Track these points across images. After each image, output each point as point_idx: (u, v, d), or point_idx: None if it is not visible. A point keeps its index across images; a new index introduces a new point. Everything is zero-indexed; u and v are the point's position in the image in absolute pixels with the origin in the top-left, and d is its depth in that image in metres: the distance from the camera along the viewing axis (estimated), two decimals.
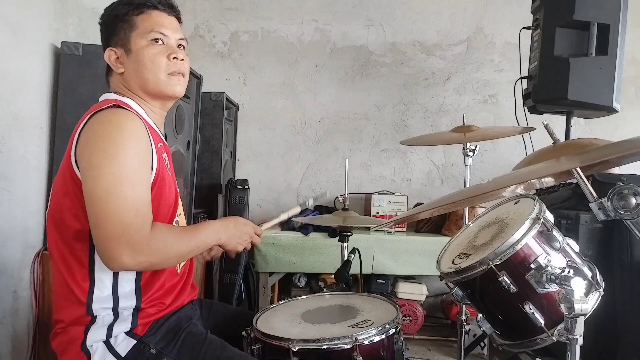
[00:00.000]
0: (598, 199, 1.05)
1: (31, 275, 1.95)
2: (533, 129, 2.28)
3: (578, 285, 1.00)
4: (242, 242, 1.35)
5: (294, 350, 1.21)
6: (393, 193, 3.34)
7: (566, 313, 1.00)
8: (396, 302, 1.48)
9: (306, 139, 3.64)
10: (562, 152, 1.83)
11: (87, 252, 1.18)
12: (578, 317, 1.00)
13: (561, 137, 2.32)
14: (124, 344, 1.19)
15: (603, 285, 1.15)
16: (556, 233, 1.17)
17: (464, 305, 2.21)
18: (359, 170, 3.63)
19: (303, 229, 3.01)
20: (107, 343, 1.19)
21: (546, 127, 2.10)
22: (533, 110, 2.67)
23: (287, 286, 3.31)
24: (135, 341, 1.20)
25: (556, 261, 1.12)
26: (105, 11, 1.32)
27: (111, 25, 1.29)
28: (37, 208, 2.03)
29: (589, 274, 1.12)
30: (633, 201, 1.01)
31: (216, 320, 1.47)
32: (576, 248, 1.21)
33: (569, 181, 1.85)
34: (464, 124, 2.21)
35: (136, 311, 1.22)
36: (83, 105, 1.45)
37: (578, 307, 0.98)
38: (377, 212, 3.22)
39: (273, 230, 1.59)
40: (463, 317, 2.22)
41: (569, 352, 1.02)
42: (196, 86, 2.46)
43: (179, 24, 1.35)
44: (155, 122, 1.32)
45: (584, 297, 1.00)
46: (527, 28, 2.70)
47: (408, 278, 3.22)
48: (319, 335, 1.27)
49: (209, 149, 2.95)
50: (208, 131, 2.93)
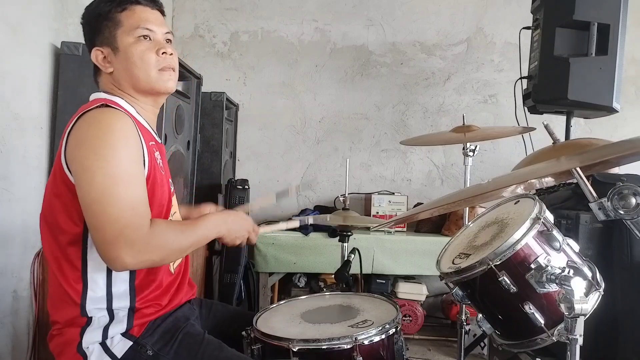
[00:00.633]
0: (598, 199, 1.05)
1: (31, 275, 1.93)
2: (533, 129, 2.28)
3: (578, 285, 1.00)
4: (240, 237, 1.34)
5: (294, 350, 1.21)
6: (393, 193, 3.34)
7: (566, 313, 1.00)
8: (396, 302, 1.48)
9: (306, 139, 3.64)
10: (562, 152, 1.82)
11: (80, 253, 1.17)
12: (578, 317, 1.00)
13: (561, 137, 2.31)
14: (120, 346, 1.18)
15: (603, 285, 1.16)
16: (556, 233, 1.17)
17: (464, 305, 2.20)
18: (359, 170, 3.62)
19: (303, 229, 3.01)
20: (104, 345, 1.18)
21: (546, 127, 2.10)
22: (533, 110, 2.67)
23: (287, 286, 3.31)
24: (131, 342, 1.19)
25: (556, 261, 1.12)
26: (86, 10, 1.27)
27: (95, 24, 1.26)
28: (37, 208, 1.98)
29: (589, 274, 1.12)
30: (633, 201, 1.01)
31: (216, 320, 1.46)
32: (576, 248, 1.21)
33: (569, 181, 1.85)
34: (464, 124, 2.21)
35: (132, 312, 1.20)
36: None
37: (578, 307, 0.98)
38: (377, 212, 3.22)
39: (271, 230, 1.60)
40: (463, 317, 2.22)
41: (569, 352, 1.02)
42: (196, 86, 2.45)
43: (163, 17, 1.32)
44: (147, 120, 1.30)
45: (584, 297, 1.00)
46: (527, 28, 2.70)
47: (408, 278, 3.22)
48: (319, 335, 1.27)
49: (209, 149, 2.95)
50: (208, 131, 2.93)
